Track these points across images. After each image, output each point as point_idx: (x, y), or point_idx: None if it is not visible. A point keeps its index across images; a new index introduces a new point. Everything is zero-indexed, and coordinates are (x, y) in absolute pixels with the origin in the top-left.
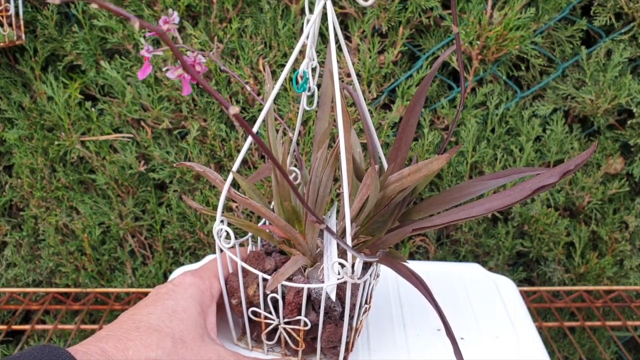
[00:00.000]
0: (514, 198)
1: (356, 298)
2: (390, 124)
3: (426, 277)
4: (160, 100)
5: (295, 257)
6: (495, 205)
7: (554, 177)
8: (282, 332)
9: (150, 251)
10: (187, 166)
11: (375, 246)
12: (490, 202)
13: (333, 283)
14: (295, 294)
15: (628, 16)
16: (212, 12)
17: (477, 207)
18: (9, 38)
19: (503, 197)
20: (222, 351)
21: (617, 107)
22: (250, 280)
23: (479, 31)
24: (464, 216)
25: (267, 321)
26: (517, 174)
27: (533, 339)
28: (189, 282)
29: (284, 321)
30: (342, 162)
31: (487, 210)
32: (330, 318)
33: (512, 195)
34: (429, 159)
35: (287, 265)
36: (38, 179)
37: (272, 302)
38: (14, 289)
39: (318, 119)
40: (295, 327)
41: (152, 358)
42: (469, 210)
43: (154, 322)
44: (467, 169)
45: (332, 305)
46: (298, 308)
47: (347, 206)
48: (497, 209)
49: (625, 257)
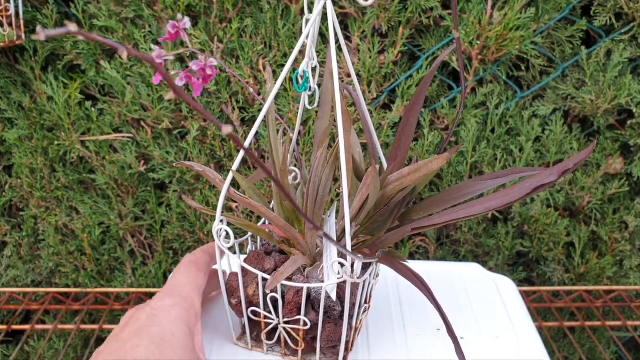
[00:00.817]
0: (513, 197)
1: (356, 297)
2: (390, 124)
3: (426, 277)
4: (160, 100)
5: (294, 257)
6: (494, 205)
7: (552, 175)
8: (282, 331)
9: (150, 251)
10: (187, 166)
11: (375, 246)
12: (490, 202)
13: (333, 283)
14: (295, 293)
15: (628, 16)
16: (212, 12)
17: (477, 206)
18: (9, 38)
19: (502, 197)
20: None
21: (617, 107)
22: (250, 280)
23: (479, 31)
24: (463, 215)
25: (266, 321)
26: (516, 174)
27: (533, 339)
28: (169, 303)
29: (284, 321)
30: (342, 162)
31: (486, 210)
32: (330, 317)
33: (511, 194)
34: (429, 158)
35: (286, 265)
36: (38, 179)
37: (271, 301)
38: (14, 289)
39: (318, 119)
40: (295, 327)
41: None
42: (468, 210)
43: (142, 356)
44: (467, 169)
45: (331, 305)
46: (298, 308)
47: (346, 206)
48: (496, 208)
49: (625, 257)
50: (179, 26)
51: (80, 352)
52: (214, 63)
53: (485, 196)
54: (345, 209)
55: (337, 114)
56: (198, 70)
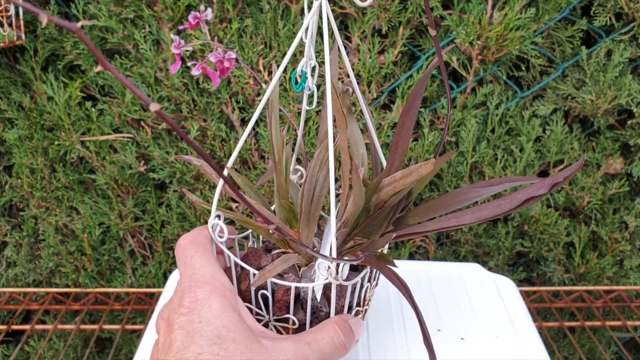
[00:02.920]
0: (504, 208)
1: (344, 300)
2: (390, 124)
3: (426, 277)
4: (160, 100)
5: (286, 256)
6: (485, 215)
7: (543, 189)
8: (272, 328)
9: (150, 251)
10: (184, 159)
11: (368, 249)
12: (481, 211)
13: (319, 283)
14: (284, 292)
15: (628, 16)
16: (212, 12)
17: (468, 215)
18: (9, 38)
19: (493, 207)
20: (284, 345)
21: (617, 107)
22: (244, 275)
23: (479, 31)
24: (454, 224)
25: (257, 317)
26: (510, 182)
27: (533, 339)
28: (203, 294)
29: (274, 318)
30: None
31: (477, 219)
32: (317, 318)
33: (502, 205)
34: (419, 163)
35: (275, 263)
36: (38, 179)
37: (262, 298)
38: (14, 289)
39: (321, 119)
40: (285, 325)
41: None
42: (460, 219)
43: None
44: (467, 169)
45: (318, 306)
46: (286, 306)
47: (332, 207)
48: (487, 218)
49: (625, 257)
50: (200, 17)
51: (80, 352)
52: (232, 55)
53: (478, 205)
54: (332, 210)
55: (328, 114)
56: (216, 62)
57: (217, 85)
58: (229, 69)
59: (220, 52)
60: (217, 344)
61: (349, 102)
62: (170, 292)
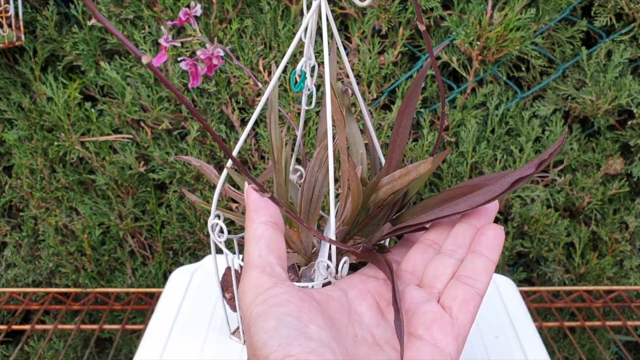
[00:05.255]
0: (495, 192)
1: None
2: (390, 125)
3: None
4: (160, 100)
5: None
6: (478, 201)
7: (530, 168)
8: None
9: (150, 251)
10: (184, 160)
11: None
12: (473, 198)
13: (318, 282)
14: None
15: (628, 17)
16: (212, 13)
17: (461, 203)
18: (8, 39)
19: (484, 193)
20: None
21: (618, 108)
22: None
23: (479, 32)
24: (448, 212)
25: None
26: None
27: (533, 339)
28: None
29: None
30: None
31: (470, 206)
32: None
33: (493, 189)
34: (418, 162)
35: None
36: (38, 180)
37: None
38: (14, 289)
39: (321, 119)
40: None
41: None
42: (454, 207)
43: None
44: (467, 169)
45: None
46: None
47: (332, 204)
48: (480, 203)
49: (625, 258)
50: (190, 13)
51: (81, 352)
52: (220, 53)
53: (471, 194)
54: (331, 209)
55: (328, 113)
56: (205, 59)
57: (195, 86)
58: (217, 66)
59: (209, 48)
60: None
61: (348, 102)
62: (170, 292)
